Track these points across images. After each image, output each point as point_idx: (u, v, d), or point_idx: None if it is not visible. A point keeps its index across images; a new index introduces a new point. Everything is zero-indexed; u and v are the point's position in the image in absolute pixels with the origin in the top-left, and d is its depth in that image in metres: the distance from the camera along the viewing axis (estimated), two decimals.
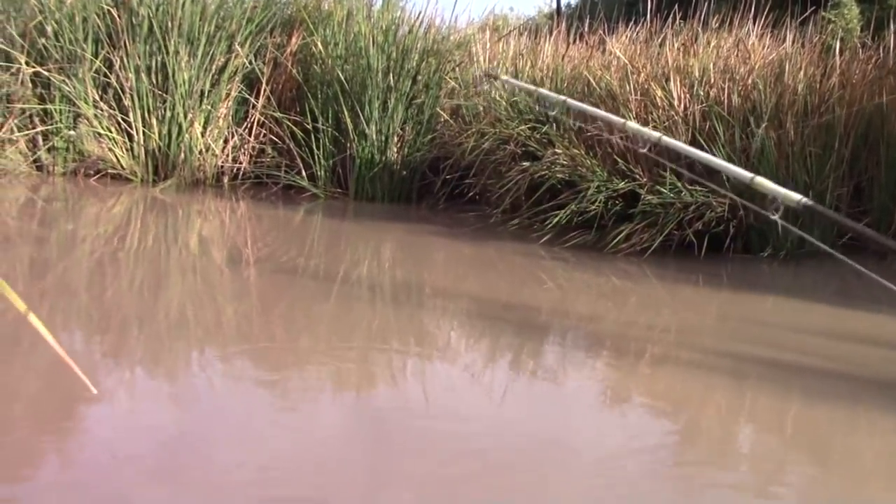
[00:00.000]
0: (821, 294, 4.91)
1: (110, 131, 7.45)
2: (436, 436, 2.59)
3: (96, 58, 7.53)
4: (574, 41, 7.48)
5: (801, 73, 5.81)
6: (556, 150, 5.69)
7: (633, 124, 4.52)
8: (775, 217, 3.27)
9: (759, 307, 4.54)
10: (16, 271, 4.38)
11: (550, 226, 5.51)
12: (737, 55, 6.02)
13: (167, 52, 7.46)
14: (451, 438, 2.57)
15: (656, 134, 4.21)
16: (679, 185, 5.25)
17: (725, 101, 5.58)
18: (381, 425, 2.70)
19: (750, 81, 5.66)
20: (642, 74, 5.92)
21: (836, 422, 2.95)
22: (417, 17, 7.76)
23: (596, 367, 3.54)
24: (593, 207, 5.44)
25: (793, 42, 6.21)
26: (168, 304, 4.02)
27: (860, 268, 3.11)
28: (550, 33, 7.83)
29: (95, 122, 7.42)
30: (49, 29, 7.53)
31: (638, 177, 5.45)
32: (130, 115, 7.46)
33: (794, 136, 5.47)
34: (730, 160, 5.27)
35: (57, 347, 1.12)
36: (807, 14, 6.66)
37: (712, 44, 6.13)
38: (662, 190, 5.25)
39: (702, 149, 5.40)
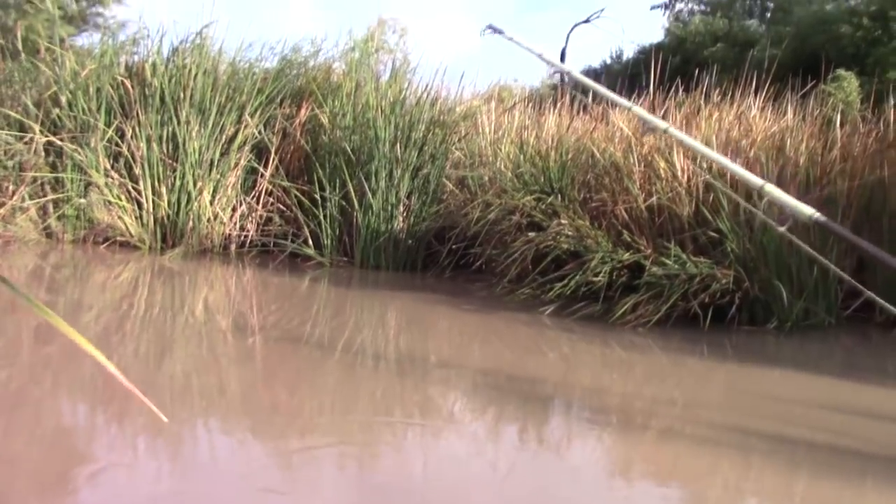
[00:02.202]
0: (826, 366, 4.88)
1: (120, 199, 7.55)
2: None
3: (109, 127, 7.68)
4: (578, 113, 7.60)
5: (803, 145, 5.88)
6: (562, 221, 5.74)
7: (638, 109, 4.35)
8: (782, 230, 3.19)
9: (765, 379, 4.51)
10: (21, 338, 4.40)
11: (555, 296, 5.52)
12: (739, 128, 6.11)
13: (178, 122, 7.61)
14: None
15: (664, 124, 4.13)
16: (684, 256, 5.27)
17: (728, 172, 5.63)
18: (384, 497, 2.68)
19: (752, 154, 5.72)
20: (645, 146, 6.00)
21: (845, 497, 2.91)
22: (424, 89, 7.92)
23: (601, 440, 3.51)
24: (598, 279, 5.46)
25: (794, 115, 6.31)
26: (172, 371, 4.02)
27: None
28: (555, 104, 7.96)
29: (106, 191, 7.52)
30: (63, 99, 7.71)
31: (642, 248, 5.48)
32: (140, 183, 7.58)
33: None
34: (733, 232, 5.32)
35: (123, 380, 1.13)
36: (807, 88, 6.77)
37: (714, 116, 6.23)
38: (667, 262, 5.27)
39: (705, 220, 5.46)
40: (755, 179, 3.45)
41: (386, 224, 7.32)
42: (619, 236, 5.63)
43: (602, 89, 4.40)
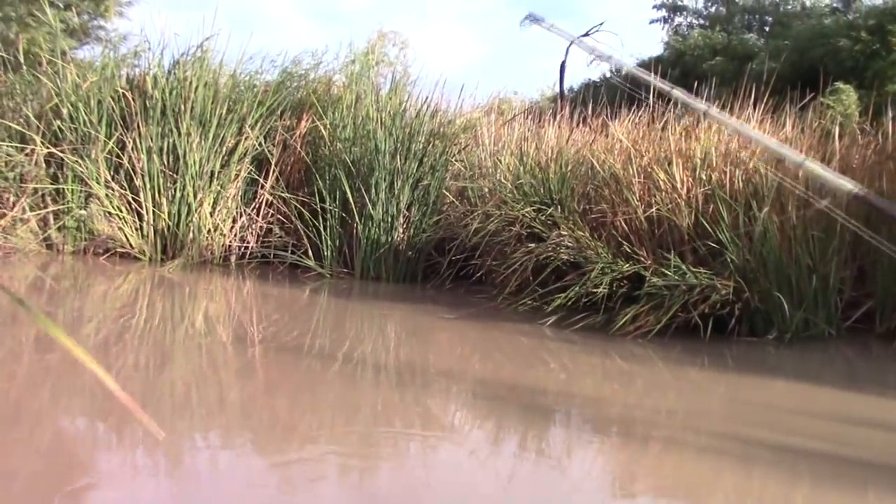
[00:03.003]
0: (827, 377, 4.88)
1: (121, 211, 7.56)
2: None
3: (109, 139, 7.71)
4: (577, 125, 7.62)
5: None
6: (562, 232, 5.75)
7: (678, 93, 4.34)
8: (821, 204, 3.18)
9: (766, 390, 4.51)
10: (22, 348, 4.40)
11: (555, 307, 5.52)
12: (738, 139, 6.13)
13: (179, 134, 7.63)
14: None
15: (703, 105, 4.10)
16: (683, 267, 5.28)
17: (728, 184, 5.65)
18: None
19: (751, 165, 5.73)
20: (645, 158, 6.01)
21: None
22: (424, 101, 7.94)
23: (602, 451, 3.50)
24: (599, 290, 5.47)
25: (792, 127, 6.32)
26: (172, 383, 4.02)
27: None
28: (554, 116, 7.99)
29: (106, 202, 7.54)
30: (64, 111, 7.73)
31: (642, 259, 5.49)
32: (141, 194, 7.59)
33: (796, 220, 5.52)
34: (733, 243, 5.32)
35: (121, 394, 1.12)
36: (806, 100, 6.79)
37: (714, 128, 6.24)
38: (667, 272, 5.28)
39: (705, 231, 5.47)
40: (796, 155, 3.45)
41: (386, 235, 7.33)
42: (618, 247, 5.63)
43: (641, 73, 4.39)
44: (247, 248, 7.76)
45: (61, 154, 7.63)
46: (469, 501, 2.73)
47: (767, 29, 18.77)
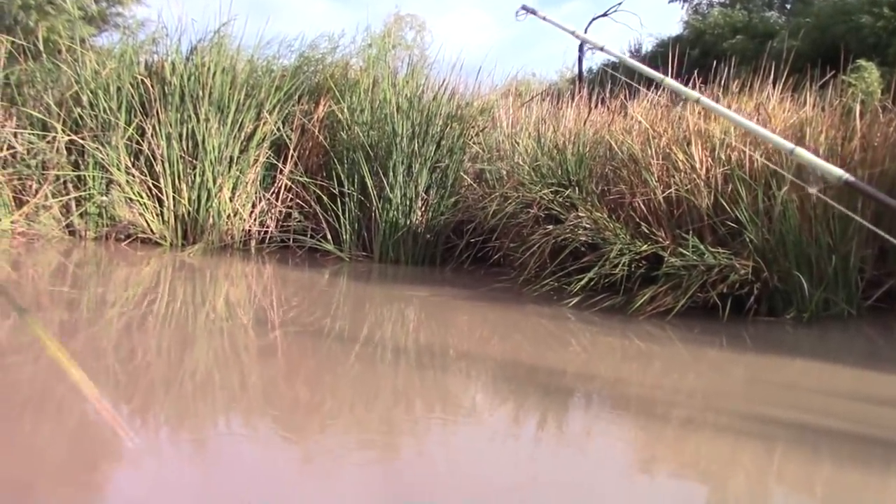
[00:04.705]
0: (847, 356, 4.85)
1: (141, 197, 7.62)
2: (460, 501, 2.58)
3: (129, 126, 7.75)
4: (596, 106, 7.59)
5: (822, 136, 5.84)
6: (580, 214, 5.75)
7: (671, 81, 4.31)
8: (813, 190, 3.19)
9: (786, 370, 4.50)
10: (46, 334, 4.45)
11: (575, 289, 5.52)
12: (757, 118, 6.08)
13: (198, 120, 7.67)
14: None
15: (695, 94, 4.09)
16: (702, 247, 5.26)
17: (747, 163, 5.61)
18: (405, 491, 2.70)
19: (771, 145, 5.68)
20: (664, 138, 5.98)
21: (869, 487, 2.90)
22: (441, 84, 7.93)
23: (623, 432, 3.51)
24: (617, 270, 5.46)
25: (813, 106, 6.26)
26: (194, 366, 4.07)
27: None
28: (572, 98, 7.95)
29: (127, 188, 7.60)
30: (84, 98, 7.78)
31: (661, 239, 5.48)
32: (161, 180, 7.64)
33: (817, 199, 5.47)
34: (752, 222, 5.30)
35: (95, 398, 1.15)
36: (827, 78, 6.72)
37: (733, 107, 6.19)
38: (685, 252, 5.27)
39: (724, 211, 5.45)
40: (785, 143, 3.46)
41: (404, 218, 7.35)
42: (637, 228, 5.62)
43: (633, 62, 4.39)
44: (266, 232, 7.81)
45: (82, 141, 7.69)
46: (490, 483, 2.75)
47: (789, 6, 18.52)
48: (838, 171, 3.08)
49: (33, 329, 1.11)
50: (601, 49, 4.55)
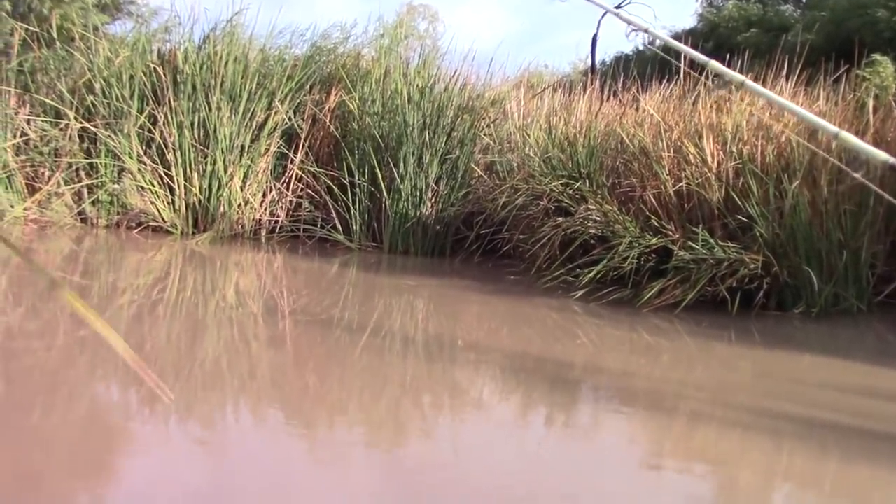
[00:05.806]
0: (857, 352, 4.84)
1: (153, 185, 7.65)
2: (467, 492, 2.59)
3: (141, 114, 7.78)
4: (608, 98, 7.56)
5: None
6: (590, 206, 5.74)
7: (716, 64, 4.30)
8: (857, 175, 3.18)
9: (795, 364, 4.48)
10: (57, 320, 4.49)
11: (584, 282, 5.52)
12: (770, 113, 6.04)
13: (209, 109, 7.69)
14: (482, 495, 2.56)
15: (740, 77, 4.07)
16: (711, 241, 5.25)
17: (759, 158, 5.58)
18: (413, 480, 2.71)
19: (783, 139, 5.66)
20: (675, 131, 5.96)
21: (877, 481, 2.89)
22: (453, 75, 7.92)
23: (630, 425, 3.51)
24: (626, 263, 5.45)
25: (826, 100, 6.22)
26: (204, 354, 4.09)
27: None
28: (585, 90, 7.92)
29: (139, 176, 7.63)
30: (97, 86, 7.81)
31: (670, 233, 5.46)
32: (172, 169, 7.67)
33: (828, 194, 5.45)
34: (762, 217, 5.28)
35: (131, 357, 1.15)
36: (840, 72, 6.67)
37: (745, 101, 6.16)
38: (695, 246, 5.25)
39: (735, 205, 5.43)
40: (830, 126, 3.43)
41: (414, 209, 7.35)
42: (647, 221, 5.61)
43: (678, 44, 4.35)
44: (276, 221, 7.83)
45: (94, 129, 7.72)
46: (497, 473, 2.76)
47: (804, 0, 18.39)
48: (884, 155, 3.04)
49: (67, 300, 1.13)
50: (645, 31, 4.49)
